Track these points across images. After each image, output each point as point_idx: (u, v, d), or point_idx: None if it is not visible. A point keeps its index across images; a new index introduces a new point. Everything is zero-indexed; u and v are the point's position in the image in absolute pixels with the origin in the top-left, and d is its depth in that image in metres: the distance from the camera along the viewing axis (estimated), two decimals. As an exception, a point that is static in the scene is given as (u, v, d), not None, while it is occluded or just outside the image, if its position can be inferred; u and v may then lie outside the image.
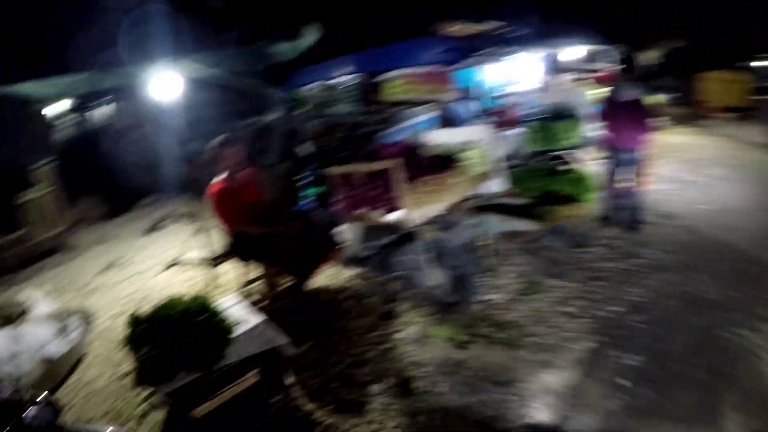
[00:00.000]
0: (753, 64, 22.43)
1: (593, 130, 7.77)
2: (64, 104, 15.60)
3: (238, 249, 5.05)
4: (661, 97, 14.85)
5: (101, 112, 16.88)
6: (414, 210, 4.47)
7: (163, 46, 7.43)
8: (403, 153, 4.99)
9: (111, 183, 11.88)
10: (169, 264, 6.78)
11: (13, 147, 9.38)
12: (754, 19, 23.97)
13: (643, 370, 4.10)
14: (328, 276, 5.93)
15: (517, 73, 12.66)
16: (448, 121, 10.85)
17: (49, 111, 11.20)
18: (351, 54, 12.93)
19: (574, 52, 12.90)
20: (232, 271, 5.73)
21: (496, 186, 5.68)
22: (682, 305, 5.02)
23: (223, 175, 5.17)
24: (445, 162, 5.01)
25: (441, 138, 5.58)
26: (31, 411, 2.54)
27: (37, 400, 2.63)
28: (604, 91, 12.24)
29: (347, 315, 5.03)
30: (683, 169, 9.84)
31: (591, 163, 8.26)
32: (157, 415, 4.18)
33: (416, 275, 5.07)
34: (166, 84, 7.43)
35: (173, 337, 3.87)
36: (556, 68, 13.33)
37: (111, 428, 3.18)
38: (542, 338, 4.58)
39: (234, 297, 4.65)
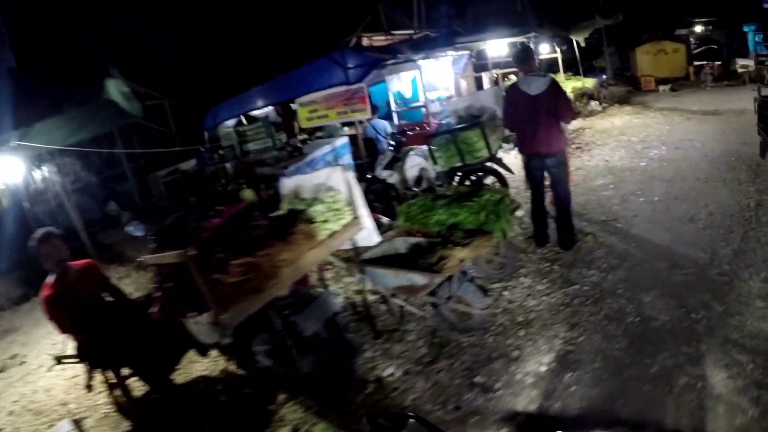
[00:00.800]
0: (685, 31, 22.02)
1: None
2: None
3: (86, 353, 4.36)
4: (592, 81, 13.89)
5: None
6: (233, 305, 3.19)
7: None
8: (227, 223, 3.72)
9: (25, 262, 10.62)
10: (54, 360, 5.57)
11: None
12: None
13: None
14: (189, 370, 4.89)
15: (435, 79, 11.58)
16: (366, 142, 9.84)
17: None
18: (264, 83, 11.78)
19: (498, 46, 11.83)
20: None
21: (374, 235, 4.46)
22: (630, 346, 3.83)
23: (52, 276, 4.20)
24: (289, 222, 3.76)
25: (290, 187, 4.34)
26: None
27: None
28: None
29: (208, 420, 4.05)
30: (620, 156, 8.82)
31: (512, 174, 7.13)
32: None
33: (283, 364, 3.81)
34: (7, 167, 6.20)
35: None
36: (477, 67, 12.30)
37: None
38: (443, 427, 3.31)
39: (66, 424, 3.93)
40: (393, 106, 10.72)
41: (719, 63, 18.26)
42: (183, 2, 17.34)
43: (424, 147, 7.53)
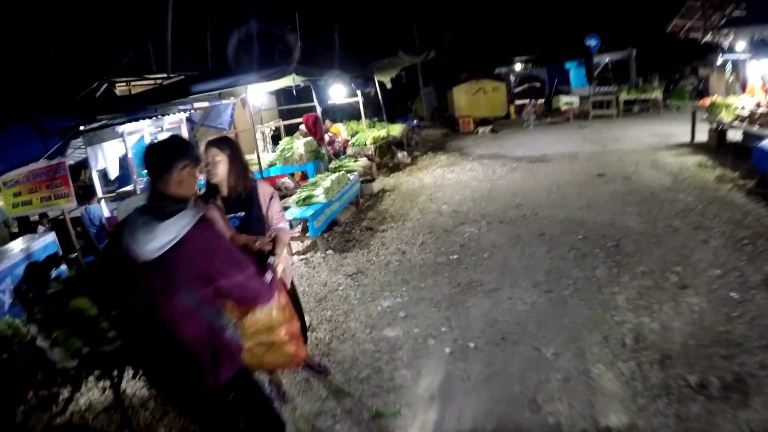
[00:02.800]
0: (505, 69, 21.01)
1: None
2: None
3: None
4: (399, 127, 11.37)
5: None
6: None
7: None
8: None
9: None
10: None
11: None
12: (499, 24, 23.06)
13: None
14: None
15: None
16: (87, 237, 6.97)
17: None
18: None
19: (261, 92, 8.65)
20: None
21: None
22: None
23: None
24: None
25: None
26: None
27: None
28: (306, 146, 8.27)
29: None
30: (423, 242, 6.10)
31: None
32: None
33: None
34: None
35: None
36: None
37: None
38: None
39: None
40: (99, 192, 7.12)
41: (542, 101, 17.16)
42: None
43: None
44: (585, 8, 21.09)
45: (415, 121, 13.47)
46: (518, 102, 18.15)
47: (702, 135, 9.70)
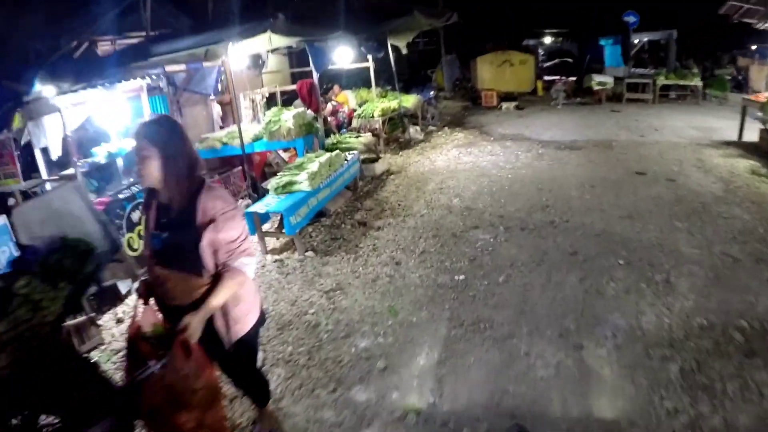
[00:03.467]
0: (533, 41, 19.38)
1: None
2: None
3: None
4: (413, 98, 10.09)
5: None
6: None
7: None
8: None
9: None
10: None
11: None
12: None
13: None
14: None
15: (116, 120, 6.85)
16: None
17: None
18: None
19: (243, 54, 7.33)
20: None
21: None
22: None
23: None
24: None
25: None
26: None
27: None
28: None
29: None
30: (423, 251, 4.96)
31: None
32: None
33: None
34: None
35: None
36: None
37: None
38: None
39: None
40: (43, 173, 5.86)
41: (573, 78, 15.65)
42: None
43: None
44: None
45: (432, 92, 12.10)
46: (547, 78, 16.70)
47: (750, 134, 8.38)
